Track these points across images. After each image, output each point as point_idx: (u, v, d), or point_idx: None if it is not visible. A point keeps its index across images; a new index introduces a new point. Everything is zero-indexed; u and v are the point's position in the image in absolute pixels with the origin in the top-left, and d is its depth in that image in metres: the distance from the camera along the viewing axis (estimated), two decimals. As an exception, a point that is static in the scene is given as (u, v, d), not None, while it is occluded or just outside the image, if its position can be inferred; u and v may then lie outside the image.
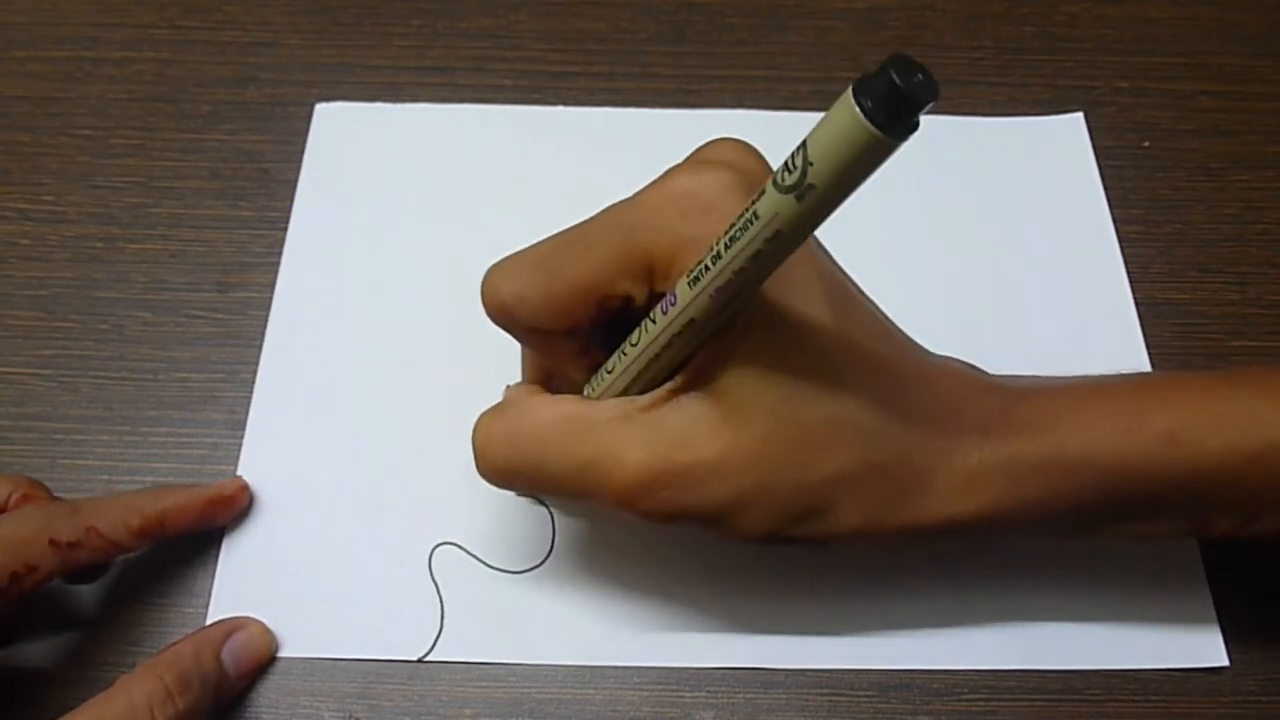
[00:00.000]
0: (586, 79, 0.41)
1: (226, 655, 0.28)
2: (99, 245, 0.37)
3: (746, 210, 0.20)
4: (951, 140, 0.39)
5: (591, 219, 0.25)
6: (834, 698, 0.29)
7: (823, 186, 0.19)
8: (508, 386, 0.29)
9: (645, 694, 0.29)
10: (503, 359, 0.34)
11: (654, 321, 0.24)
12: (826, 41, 0.42)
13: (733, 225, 0.21)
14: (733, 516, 0.24)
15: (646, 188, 0.24)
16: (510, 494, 0.32)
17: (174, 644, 0.28)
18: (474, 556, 0.31)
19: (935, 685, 0.29)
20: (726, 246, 0.21)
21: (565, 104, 0.40)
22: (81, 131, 0.40)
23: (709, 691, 0.29)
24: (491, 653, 0.30)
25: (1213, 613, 0.30)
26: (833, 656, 0.30)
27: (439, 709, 0.29)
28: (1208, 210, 0.38)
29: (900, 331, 0.26)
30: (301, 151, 0.39)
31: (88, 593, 0.30)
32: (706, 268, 0.21)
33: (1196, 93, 0.41)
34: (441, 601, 0.30)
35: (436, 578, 0.31)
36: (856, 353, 0.24)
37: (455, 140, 0.38)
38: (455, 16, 0.43)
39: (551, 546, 0.31)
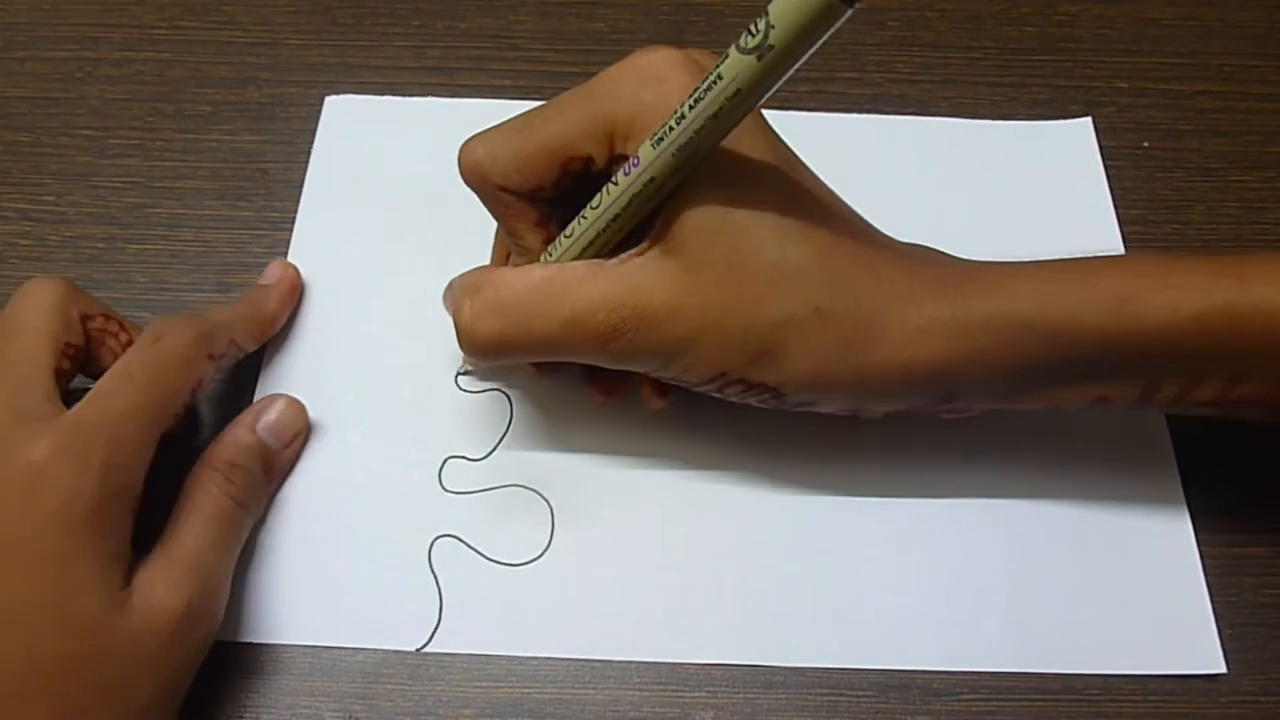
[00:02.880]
0: (586, 79, 0.41)
1: (263, 431, 0.31)
2: (99, 245, 0.37)
3: (709, 74, 0.23)
4: (957, 144, 0.39)
5: (560, 95, 0.28)
6: (834, 698, 0.29)
7: (781, 47, 0.22)
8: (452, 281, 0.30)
9: (645, 694, 0.29)
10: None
11: (615, 184, 0.26)
12: (826, 41, 0.42)
13: (696, 89, 0.24)
14: (687, 353, 0.27)
15: (610, 67, 0.28)
16: (509, 490, 0.32)
17: (219, 435, 0.30)
18: (473, 549, 0.31)
19: (935, 685, 0.29)
20: (690, 107, 0.24)
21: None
22: (81, 131, 0.40)
23: (709, 691, 0.29)
24: (490, 645, 0.30)
25: (1211, 619, 0.30)
26: (833, 655, 0.30)
27: (439, 709, 0.29)
28: (1208, 210, 0.38)
29: (854, 211, 0.28)
30: (302, 152, 0.39)
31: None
32: (670, 128, 0.24)
33: (1196, 93, 0.41)
34: (440, 593, 0.30)
35: (436, 570, 0.31)
36: (804, 208, 0.27)
37: (465, 134, 0.38)
38: (455, 16, 0.43)
39: (550, 539, 0.31)
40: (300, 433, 0.32)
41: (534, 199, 0.29)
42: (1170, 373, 0.27)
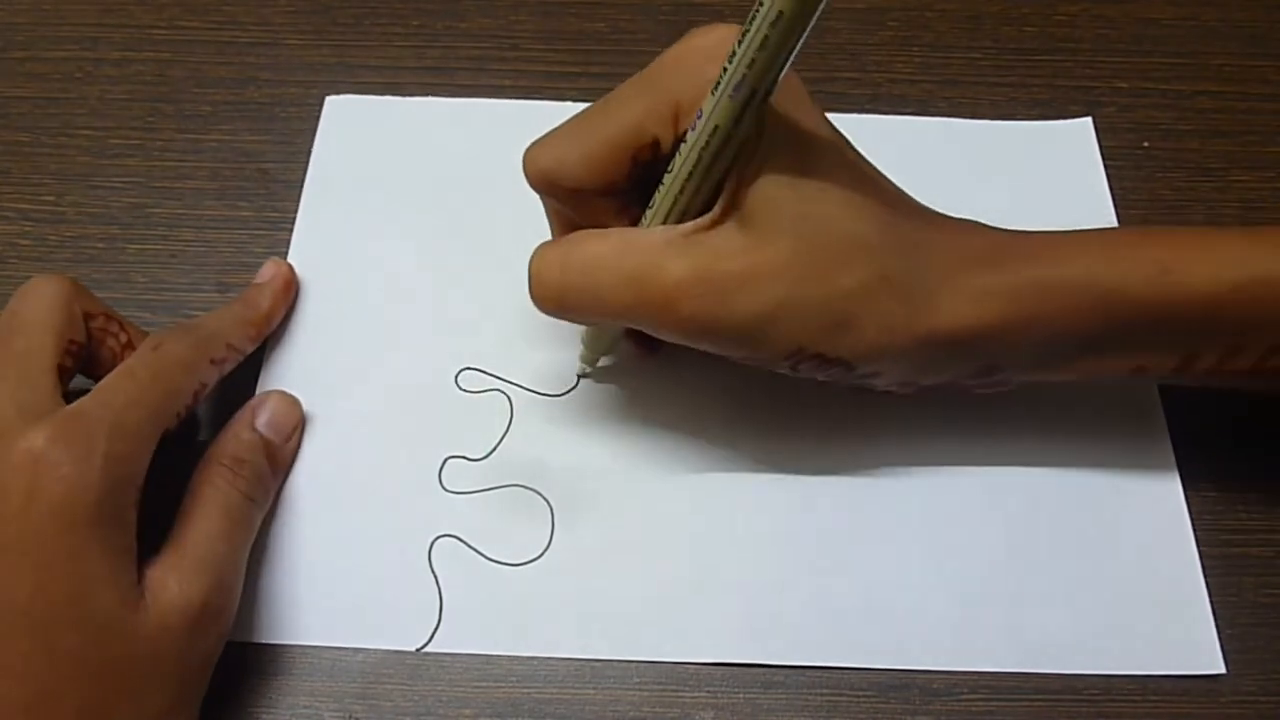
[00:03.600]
0: (587, 79, 0.41)
1: (263, 427, 0.31)
2: (99, 245, 0.37)
3: (753, 8, 0.23)
4: (957, 144, 0.39)
5: (617, 88, 0.28)
6: (834, 698, 0.29)
7: None
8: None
9: (645, 694, 0.29)
10: (506, 356, 0.35)
11: (685, 142, 0.26)
12: (826, 42, 0.42)
13: (742, 26, 0.24)
14: (764, 329, 0.27)
15: (667, 51, 0.28)
16: (509, 490, 0.32)
17: (220, 433, 0.31)
18: (473, 549, 0.31)
19: (935, 685, 0.29)
20: (739, 44, 0.24)
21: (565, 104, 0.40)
22: (81, 131, 0.40)
23: (709, 691, 0.29)
24: (490, 645, 0.30)
25: (1211, 620, 0.30)
26: (833, 655, 0.30)
27: (439, 709, 0.29)
28: (1208, 210, 0.38)
29: (900, 188, 0.29)
30: (302, 152, 0.39)
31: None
32: (724, 69, 0.25)
33: (1196, 93, 0.41)
34: (440, 593, 0.30)
35: (436, 570, 0.31)
36: (862, 182, 0.27)
37: (465, 134, 0.38)
38: (455, 16, 0.43)
39: (550, 539, 0.31)
40: (297, 426, 0.33)
41: (609, 193, 0.29)
42: (1209, 342, 0.28)
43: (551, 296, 0.28)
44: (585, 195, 0.29)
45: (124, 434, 0.26)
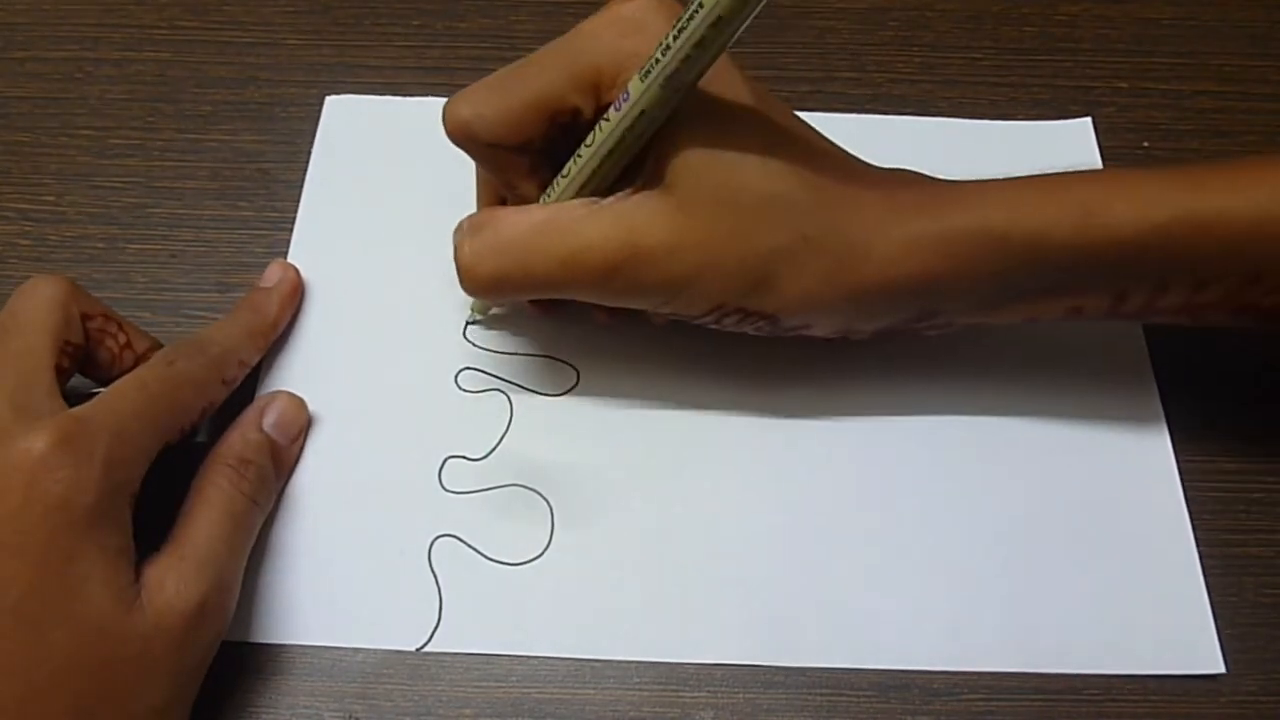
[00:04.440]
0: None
1: (269, 428, 0.31)
2: (99, 245, 0.37)
3: (692, 3, 0.24)
4: (957, 144, 0.39)
5: (539, 49, 0.29)
6: (834, 698, 0.29)
7: None
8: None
9: (645, 694, 0.29)
10: (506, 356, 0.35)
11: (608, 120, 0.27)
12: (826, 41, 0.42)
13: (679, 19, 0.25)
14: (687, 289, 0.28)
15: (587, 19, 0.29)
16: (509, 489, 0.32)
17: (225, 433, 0.31)
18: (473, 549, 0.31)
19: (935, 685, 0.29)
20: (674, 38, 0.25)
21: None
22: (81, 131, 0.40)
23: (709, 691, 0.29)
24: (490, 645, 0.30)
25: (1211, 620, 0.30)
26: (833, 655, 0.30)
27: (439, 709, 0.29)
28: (1207, 210, 0.38)
29: (833, 144, 0.30)
30: (302, 152, 0.39)
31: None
32: (656, 60, 0.25)
33: (1196, 93, 0.41)
34: (440, 593, 0.30)
35: (435, 569, 0.31)
36: (785, 144, 0.28)
37: None
38: (455, 16, 0.43)
39: (550, 539, 0.31)
40: (303, 428, 0.33)
41: (523, 151, 0.30)
42: (1136, 281, 0.28)
43: (488, 284, 0.29)
44: (499, 151, 0.29)
45: (124, 442, 0.26)
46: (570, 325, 0.34)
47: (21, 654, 0.24)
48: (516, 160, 0.30)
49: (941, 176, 0.30)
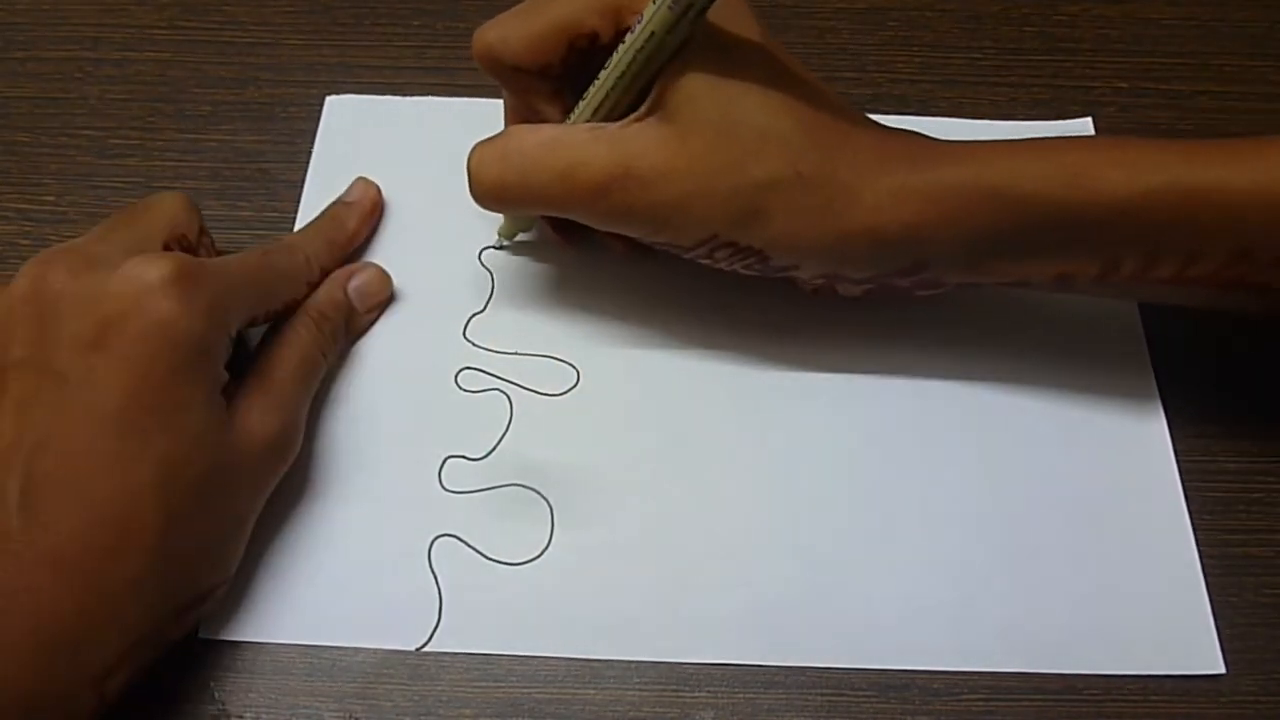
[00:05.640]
0: (586, 79, 0.41)
1: (351, 291, 0.34)
2: (99, 245, 0.37)
3: None
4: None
5: None
6: (834, 698, 0.29)
7: None
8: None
9: (645, 694, 0.29)
10: (506, 356, 0.35)
11: (623, 43, 0.29)
12: (826, 41, 0.42)
13: None
14: (677, 216, 0.29)
15: None
16: (509, 489, 0.32)
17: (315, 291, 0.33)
18: (473, 548, 0.31)
19: (935, 685, 0.29)
20: None
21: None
22: (81, 131, 0.40)
23: (709, 691, 0.29)
24: (490, 644, 0.30)
25: (1211, 620, 0.30)
26: (833, 655, 0.30)
27: (439, 709, 0.29)
28: (1207, 210, 0.38)
29: (835, 93, 0.30)
30: (302, 152, 0.39)
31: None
32: None
33: (1196, 93, 0.41)
34: (440, 593, 0.30)
35: (435, 569, 0.31)
36: (788, 84, 0.29)
37: (465, 134, 0.38)
38: (455, 16, 0.43)
39: (550, 539, 0.31)
40: (382, 302, 0.35)
41: (545, 76, 0.31)
42: (1127, 248, 0.28)
43: (490, 191, 0.31)
44: (522, 75, 0.31)
45: (228, 290, 0.29)
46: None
47: (121, 455, 0.26)
48: (539, 85, 0.31)
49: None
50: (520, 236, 0.36)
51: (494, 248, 0.37)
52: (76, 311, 0.27)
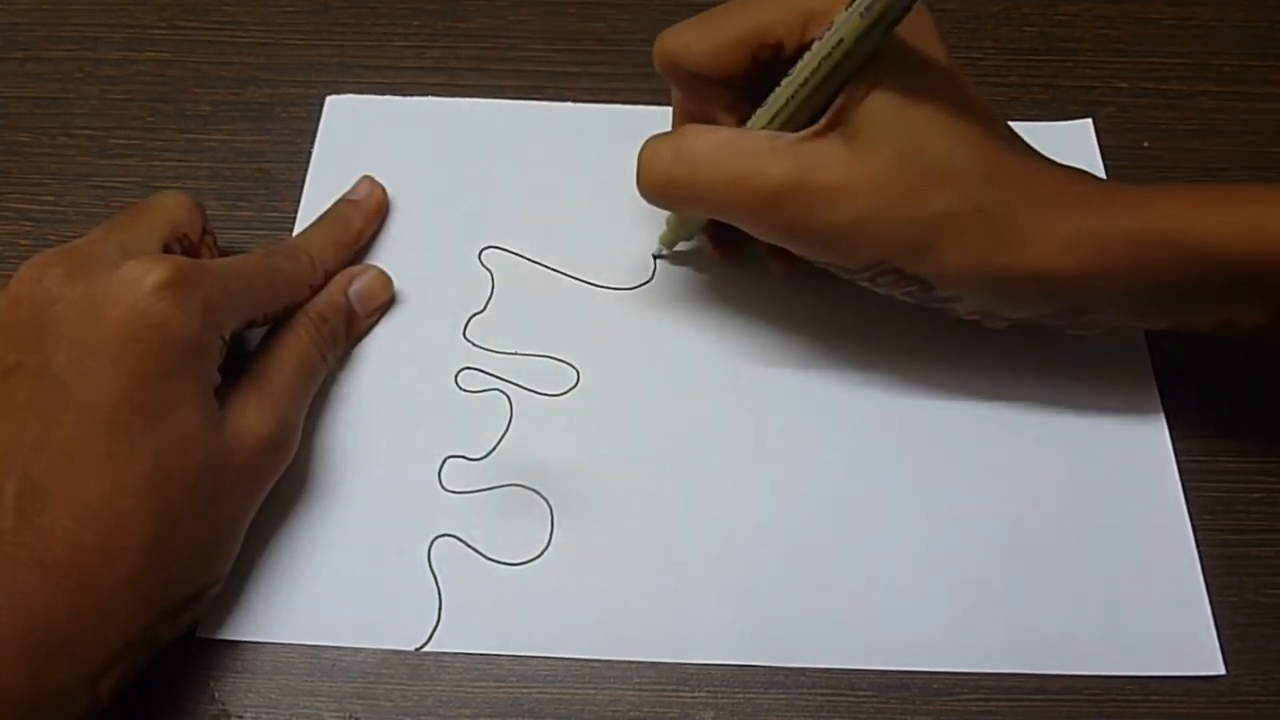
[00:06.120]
0: (587, 79, 0.41)
1: (352, 294, 0.34)
2: (99, 245, 0.37)
3: None
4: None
5: None
6: (834, 698, 0.29)
7: None
8: None
9: (645, 694, 0.29)
10: (506, 356, 0.35)
11: (810, 50, 0.28)
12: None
13: None
14: (851, 238, 0.28)
15: None
16: (508, 489, 0.32)
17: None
18: (472, 548, 0.31)
19: (935, 685, 0.29)
20: None
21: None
22: (82, 131, 0.40)
23: (709, 691, 0.29)
24: (489, 644, 0.30)
25: (1210, 621, 0.30)
26: (833, 655, 0.30)
27: (439, 709, 0.29)
28: (1208, 210, 0.38)
29: (1009, 125, 0.30)
30: (302, 152, 0.39)
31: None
32: None
33: (1196, 93, 0.41)
34: (440, 593, 0.30)
35: (435, 569, 0.31)
36: (971, 113, 0.28)
37: (465, 133, 0.38)
38: (455, 16, 0.43)
39: (550, 539, 0.31)
40: (382, 305, 0.35)
41: (725, 85, 0.31)
42: None
43: (657, 186, 0.30)
44: (702, 82, 0.31)
45: (224, 292, 0.29)
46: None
47: (113, 455, 0.26)
48: (719, 93, 0.31)
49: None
50: (680, 246, 0.36)
51: (654, 256, 0.36)
52: (72, 314, 0.27)
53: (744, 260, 0.35)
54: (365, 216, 0.36)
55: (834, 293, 0.35)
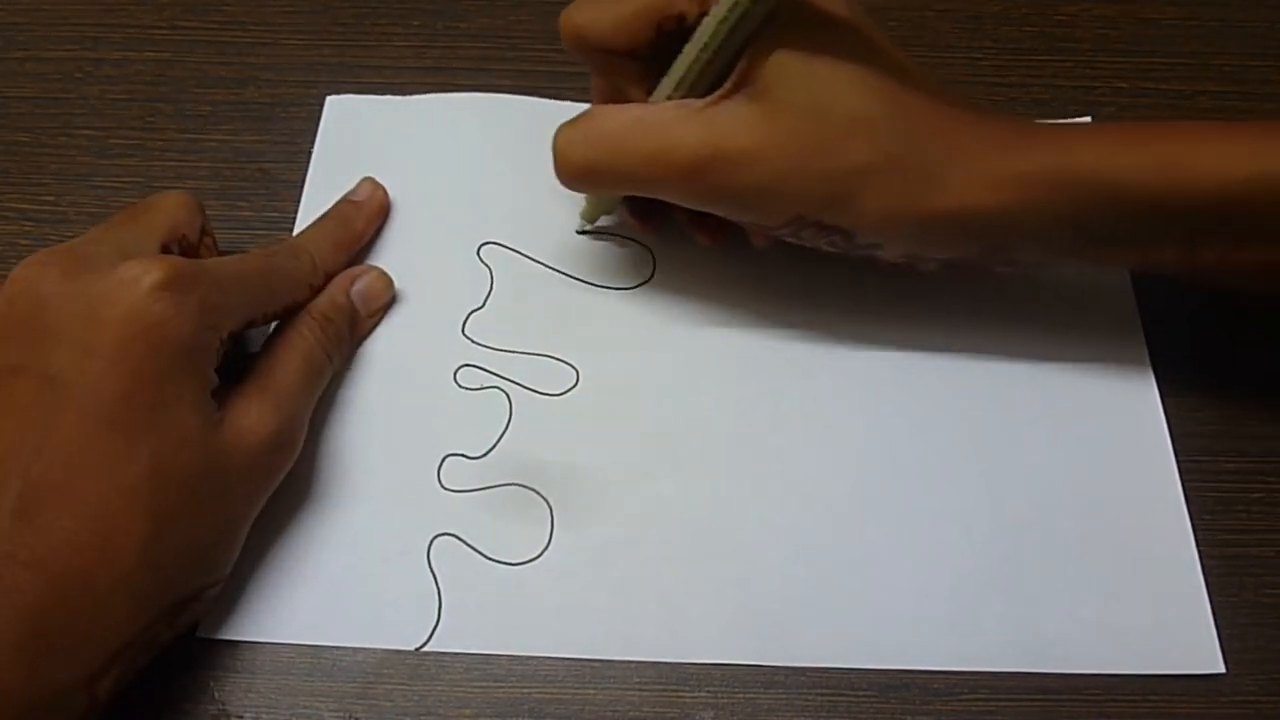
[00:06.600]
0: (586, 79, 0.40)
1: (354, 295, 0.34)
2: (99, 245, 0.37)
3: None
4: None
5: None
6: (834, 698, 0.29)
7: None
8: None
9: (645, 694, 0.29)
10: (506, 354, 0.35)
11: (709, 15, 0.28)
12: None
13: None
14: (767, 198, 0.29)
15: None
16: (508, 488, 0.32)
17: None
18: (472, 548, 0.31)
19: (935, 685, 0.29)
20: None
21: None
22: (81, 131, 0.40)
23: (709, 691, 0.29)
24: (489, 644, 0.30)
25: (1210, 620, 0.30)
26: (833, 655, 0.30)
27: (439, 709, 0.29)
28: (1207, 210, 0.38)
29: (925, 69, 0.30)
30: (302, 152, 0.39)
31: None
32: None
33: (1196, 93, 0.41)
34: (439, 592, 0.30)
35: (434, 568, 0.31)
36: (879, 63, 0.29)
37: (465, 131, 0.38)
38: (455, 16, 0.43)
39: (550, 538, 0.31)
40: (385, 305, 0.35)
41: (632, 57, 0.31)
42: (1213, 236, 0.28)
43: (577, 173, 0.31)
44: (609, 56, 0.31)
45: (222, 292, 0.29)
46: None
47: (110, 456, 0.26)
48: (626, 66, 0.31)
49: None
50: (602, 220, 0.37)
51: (578, 232, 0.37)
52: (69, 314, 0.27)
53: (667, 231, 0.36)
54: (367, 217, 0.36)
55: (833, 293, 0.35)
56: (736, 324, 0.35)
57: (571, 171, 0.31)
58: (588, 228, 0.37)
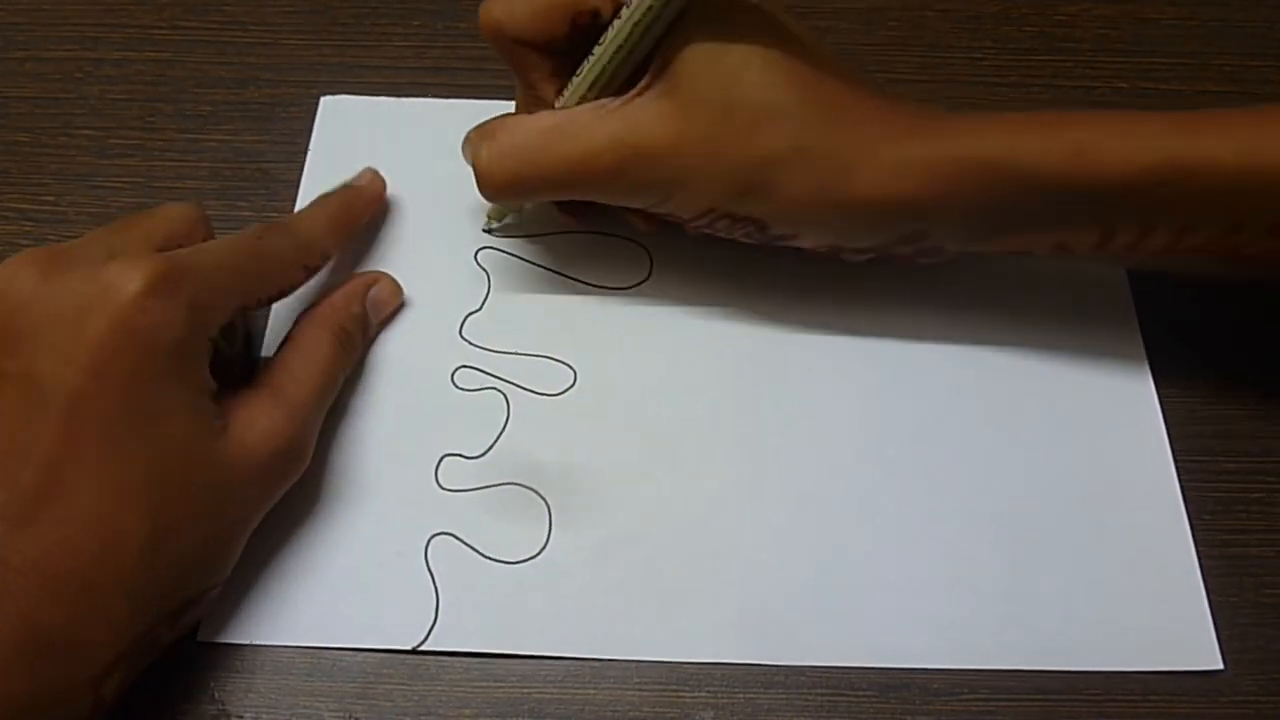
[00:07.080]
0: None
1: (369, 304, 0.34)
2: (99, 245, 0.37)
3: None
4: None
5: None
6: (834, 698, 0.29)
7: None
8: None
9: (645, 694, 0.29)
10: (503, 354, 0.35)
11: (619, 18, 0.29)
12: (826, 41, 0.42)
13: None
14: (681, 190, 0.30)
15: None
16: (506, 488, 0.32)
17: (329, 297, 0.33)
18: (470, 547, 0.31)
19: (935, 685, 0.29)
20: None
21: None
22: (81, 131, 0.40)
23: (709, 691, 0.29)
24: (487, 643, 0.30)
25: (1209, 617, 0.30)
26: (833, 655, 0.30)
27: (439, 709, 0.29)
28: (1207, 210, 0.38)
29: (840, 58, 0.30)
30: (301, 152, 0.39)
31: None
32: None
33: (1196, 93, 0.41)
34: (437, 592, 0.30)
35: (432, 568, 0.31)
36: (791, 53, 0.29)
37: (460, 134, 0.38)
38: (455, 16, 0.43)
39: (548, 538, 0.31)
40: (393, 312, 0.35)
41: (548, 51, 0.31)
42: (1124, 220, 0.29)
43: (504, 189, 0.31)
44: (526, 50, 0.31)
45: (210, 287, 0.28)
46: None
47: (104, 462, 0.26)
48: (540, 61, 0.32)
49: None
50: (508, 219, 0.37)
51: (485, 230, 0.37)
52: (50, 318, 0.26)
53: (595, 221, 0.36)
54: (364, 201, 0.36)
55: (830, 293, 0.35)
56: (734, 323, 0.35)
57: (499, 189, 0.31)
58: (494, 225, 0.37)
